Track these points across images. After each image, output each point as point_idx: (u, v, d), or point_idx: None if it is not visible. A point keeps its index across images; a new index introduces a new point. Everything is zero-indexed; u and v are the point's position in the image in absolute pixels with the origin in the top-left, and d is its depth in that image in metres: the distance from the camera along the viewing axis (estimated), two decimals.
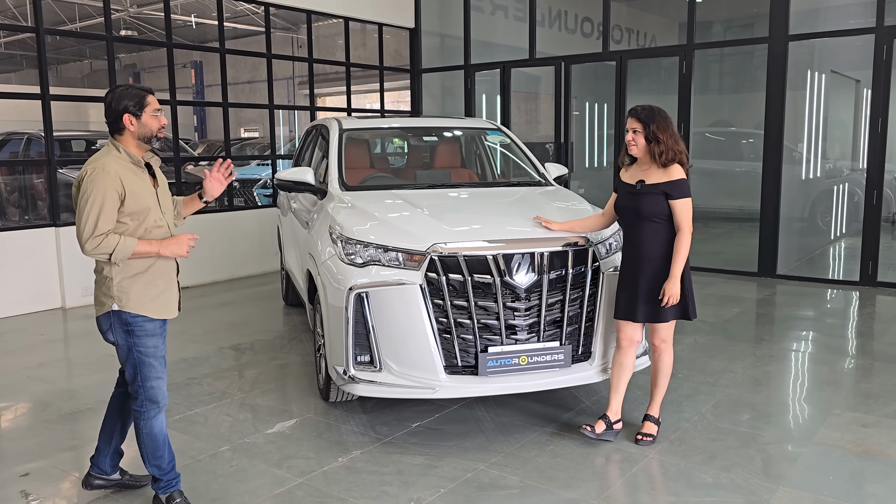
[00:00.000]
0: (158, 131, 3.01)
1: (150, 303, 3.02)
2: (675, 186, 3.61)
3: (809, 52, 8.98)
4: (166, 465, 3.15)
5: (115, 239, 2.86)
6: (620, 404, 3.90)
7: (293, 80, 20.01)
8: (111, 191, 2.87)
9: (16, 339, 6.02)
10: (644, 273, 3.68)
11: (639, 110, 3.68)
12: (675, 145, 3.63)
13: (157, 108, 3.01)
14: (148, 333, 3.03)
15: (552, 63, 9.64)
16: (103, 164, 2.91)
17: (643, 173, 3.72)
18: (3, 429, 4.29)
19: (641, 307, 3.71)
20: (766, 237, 8.08)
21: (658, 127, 3.61)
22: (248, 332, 6.17)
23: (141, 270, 3.00)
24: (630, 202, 3.73)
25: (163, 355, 3.11)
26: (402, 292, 3.77)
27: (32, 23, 6.91)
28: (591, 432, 3.80)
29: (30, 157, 9.98)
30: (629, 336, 3.80)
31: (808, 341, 5.82)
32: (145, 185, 3.02)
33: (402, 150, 8.07)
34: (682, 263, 3.62)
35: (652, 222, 3.65)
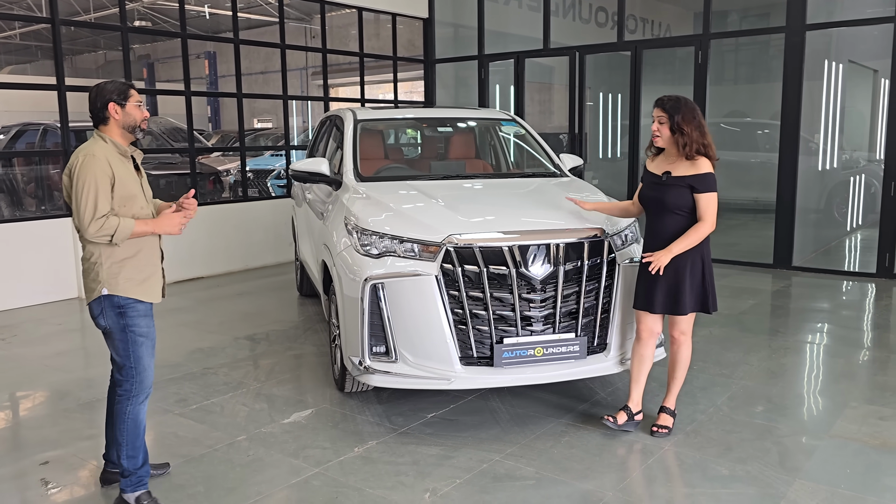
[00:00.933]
0: (142, 122, 3.11)
1: (138, 286, 3.09)
2: (702, 180, 3.57)
3: (827, 42, 8.88)
4: (141, 459, 3.14)
5: (115, 220, 2.95)
6: (641, 395, 3.89)
7: (306, 70, 20.02)
8: (102, 175, 2.95)
9: (33, 328, 6.09)
10: (665, 265, 3.63)
11: (665, 100, 3.63)
12: (701, 138, 3.58)
13: (140, 100, 3.10)
14: (140, 314, 3.10)
15: (566, 53, 9.59)
16: (92, 151, 2.99)
17: (670, 164, 3.68)
18: (23, 417, 4.35)
19: (661, 298, 3.68)
20: (782, 228, 8.03)
21: (683, 118, 3.56)
22: (263, 322, 6.20)
23: (129, 256, 3.06)
24: (655, 193, 3.70)
25: (154, 337, 3.17)
26: (417, 283, 3.77)
27: (48, 14, 6.94)
28: (613, 423, 3.79)
29: (46, 148, 10.05)
30: (649, 327, 3.79)
31: (824, 333, 5.78)
32: (131, 174, 3.10)
33: (416, 140, 8.06)
34: (686, 244, 3.57)
35: (676, 214, 3.62)
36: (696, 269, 3.65)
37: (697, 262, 3.64)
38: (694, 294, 3.66)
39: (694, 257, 3.63)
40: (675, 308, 3.69)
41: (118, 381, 3.15)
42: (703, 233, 3.58)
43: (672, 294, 3.67)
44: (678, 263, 3.62)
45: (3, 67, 23.30)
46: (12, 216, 9.00)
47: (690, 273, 3.63)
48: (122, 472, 3.15)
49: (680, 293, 3.65)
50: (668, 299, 3.68)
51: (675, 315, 3.74)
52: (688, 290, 3.65)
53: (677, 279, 3.64)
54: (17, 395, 4.64)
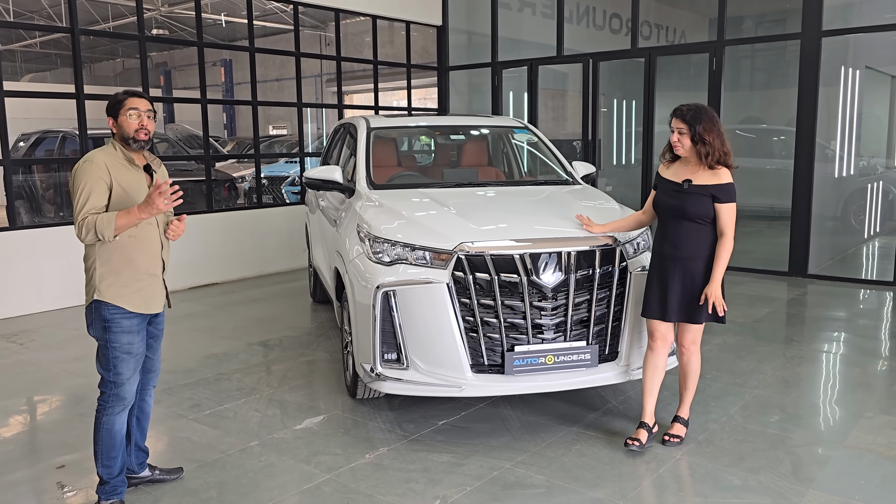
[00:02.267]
0: (136, 133, 3.08)
1: (129, 295, 3.08)
2: (724, 190, 3.56)
3: (843, 48, 8.82)
4: (117, 469, 3.16)
5: (93, 218, 2.94)
6: (654, 407, 3.84)
7: (321, 77, 20.13)
8: (98, 180, 2.98)
9: (51, 333, 6.16)
10: (681, 273, 3.62)
11: (684, 111, 3.58)
12: (722, 147, 3.55)
13: (134, 108, 3.07)
14: (124, 330, 3.08)
15: (580, 60, 9.59)
16: (92, 156, 3.04)
17: (690, 172, 3.64)
18: (40, 421, 4.40)
19: (675, 307, 3.65)
20: (798, 236, 7.97)
21: (704, 128, 3.53)
22: (276, 328, 6.24)
23: (120, 265, 3.06)
24: (674, 200, 3.66)
25: (139, 353, 3.15)
26: (429, 291, 3.79)
27: (68, 23, 7.04)
28: (639, 446, 3.71)
29: (65, 155, 10.18)
30: (662, 335, 3.75)
31: (840, 342, 5.73)
32: (136, 182, 3.10)
33: (429, 148, 8.09)
34: (723, 268, 3.57)
35: (695, 223, 3.60)
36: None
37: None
38: (709, 304, 3.63)
39: (709, 266, 3.62)
40: (690, 316, 3.67)
41: (100, 391, 3.16)
42: (729, 249, 3.58)
43: (688, 302, 3.64)
44: (694, 272, 3.61)
45: (23, 75, 23.61)
46: (31, 222, 9.12)
47: (706, 282, 3.60)
48: (99, 479, 3.17)
49: (696, 302, 3.62)
50: (685, 307, 3.66)
51: (691, 323, 3.71)
52: (703, 299, 3.62)
53: (693, 287, 3.62)
54: (35, 399, 4.70)
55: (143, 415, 3.38)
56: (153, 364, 3.36)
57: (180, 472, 3.52)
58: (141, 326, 3.16)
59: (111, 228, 2.94)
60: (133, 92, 3.16)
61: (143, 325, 3.18)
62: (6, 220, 7.08)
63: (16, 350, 5.68)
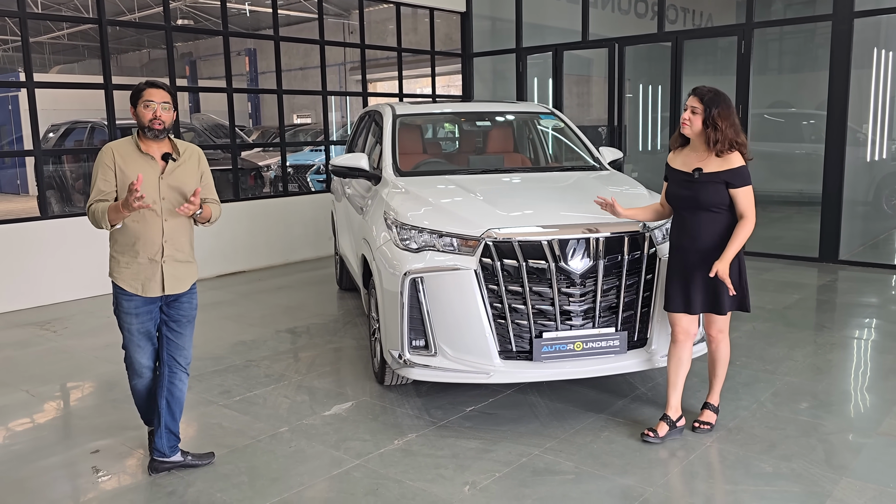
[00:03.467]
0: (150, 122, 3.20)
1: (127, 277, 3.28)
2: (737, 174, 3.44)
3: (876, 29, 8.63)
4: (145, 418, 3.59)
5: (96, 206, 3.16)
6: (680, 400, 3.75)
7: (345, 65, 20.14)
8: (103, 167, 3.21)
9: (83, 321, 6.27)
10: (703, 264, 3.51)
11: (703, 91, 3.48)
12: (735, 136, 3.44)
13: (149, 100, 3.20)
14: (123, 310, 3.32)
15: (606, 45, 9.49)
16: (107, 145, 3.29)
17: (699, 160, 3.53)
18: (73, 407, 4.48)
19: (699, 298, 3.58)
20: (828, 221, 7.84)
21: (720, 113, 3.42)
22: (303, 315, 6.28)
23: (126, 247, 3.28)
24: (686, 190, 3.55)
25: (140, 333, 3.34)
26: (456, 277, 3.79)
27: (95, 14, 7.10)
28: (654, 438, 3.64)
29: (94, 146, 10.31)
30: (685, 328, 3.67)
31: (872, 329, 5.64)
32: (143, 171, 3.18)
33: (454, 135, 8.07)
34: (737, 247, 3.47)
35: (711, 212, 3.50)
36: (734, 268, 3.54)
37: (735, 261, 3.53)
38: (734, 294, 3.54)
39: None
40: (715, 307, 3.60)
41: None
42: (748, 230, 3.47)
43: (712, 292, 3.56)
44: (713, 262, 3.50)
45: (51, 67, 23.92)
46: (62, 212, 9.26)
47: (731, 272, 3.51)
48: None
49: (720, 292, 3.54)
50: (709, 298, 3.58)
51: (716, 314, 3.65)
52: (727, 290, 3.53)
53: (716, 279, 3.50)
54: (68, 386, 4.79)
55: (172, 399, 3.42)
56: (176, 347, 3.41)
57: (212, 457, 3.57)
58: (142, 309, 3.31)
59: (105, 219, 3.14)
60: (152, 83, 3.25)
61: (147, 308, 3.32)
62: (38, 210, 7.20)
63: (49, 337, 5.79)
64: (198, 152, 3.44)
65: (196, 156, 3.41)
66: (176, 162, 3.30)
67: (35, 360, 5.26)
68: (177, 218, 3.28)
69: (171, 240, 3.29)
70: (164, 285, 3.31)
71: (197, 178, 3.37)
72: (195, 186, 3.28)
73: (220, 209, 3.49)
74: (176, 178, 3.29)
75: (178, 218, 3.28)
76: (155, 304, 3.33)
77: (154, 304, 3.33)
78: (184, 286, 3.37)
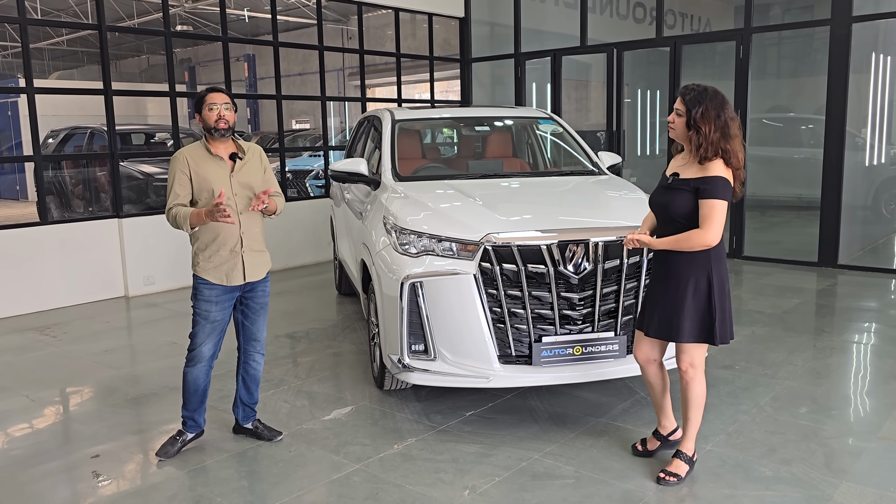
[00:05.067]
0: (216, 123, 3.50)
1: (211, 269, 3.54)
2: (709, 183, 3.03)
3: (874, 34, 8.66)
4: (189, 409, 3.73)
5: (177, 210, 3.46)
6: (670, 415, 3.51)
7: (343, 71, 20.16)
8: (178, 173, 3.50)
9: (83, 326, 6.26)
10: (661, 282, 3.22)
11: (687, 90, 3.10)
12: (723, 142, 3.04)
13: (213, 103, 3.50)
14: (204, 298, 3.57)
15: (604, 50, 9.52)
16: (178, 152, 3.56)
17: (682, 165, 3.19)
18: (73, 412, 4.48)
19: (656, 321, 3.23)
20: (827, 226, 7.85)
21: (702, 115, 3.03)
22: (302, 320, 6.28)
23: (208, 242, 3.54)
24: (661, 196, 3.22)
25: (216, 321, 3.59)
26: (455, 282, 3.79)
27: (95, 20, 7.12)
28: (642, 452, 3.52)
29: (93, 151, 10.31)
30: (644, 352, 3.37)
31: (872, 333, 5.65)
32: (215, 172, 3.51)
33: (453, 140, 8.08)
34: (675, 243, 3.08)
35: (678, 223, 3.13)
36: (701, 292, 3.12)
37: (703, 284, 3.12)
38: (696, 320, 3.14)
39: (699, 276, 3.12)
40: (670, 334, 3.19)
41: None
42: (697, 241, 3.04)
43: (667, 317, 3.18)
44: (678, 282, 3.15)
45: (51, 73, 23.95)
46: (62, 217, 9.26)
47: (693, 295, 3.12)
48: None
49: (677, 317, 3.14)
50: (664, 323, 3.20)
51: (669, 341, 3.26)
52: (687, 315, 3.13)
53: (677, 300, 3.14)
54: (68, 391, 4.78)
55: (248, 377, 3.83)
56: (253, 332, 3.77)
57: (280, 434, 3.86)
58: (221, 298, 3.58)
59: (186, 223, 3.43)
60: (213, 88, 3.58)
61: (226, 297, 3.60)
62: (38, 216, 7.19)
63: (49, 343, 5.78)
64: (259, 150, 3.72)
65: (258, 154, 3.71)
66: (242, 160, 3.60)
67: (35, 364, 5.26)
68: (250, 212, 3.59)
69: (248, 232, 3.59)
70: (244, 274, 3.59)
71: (261, 174, 3.67)
72: (260, 181, 3.64)
73: (283, 201, 3.77)
74: (244, 175, 3.59)
75: (251, 212, 3.59)
76: (234, 293, 3.62)
77: (234, 293, 3.62)
78: (261, 274, 3.68)
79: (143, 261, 7.30)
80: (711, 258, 3.13)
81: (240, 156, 3.60)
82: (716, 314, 3.13)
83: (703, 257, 3.12)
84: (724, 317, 3.17)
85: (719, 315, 3.14)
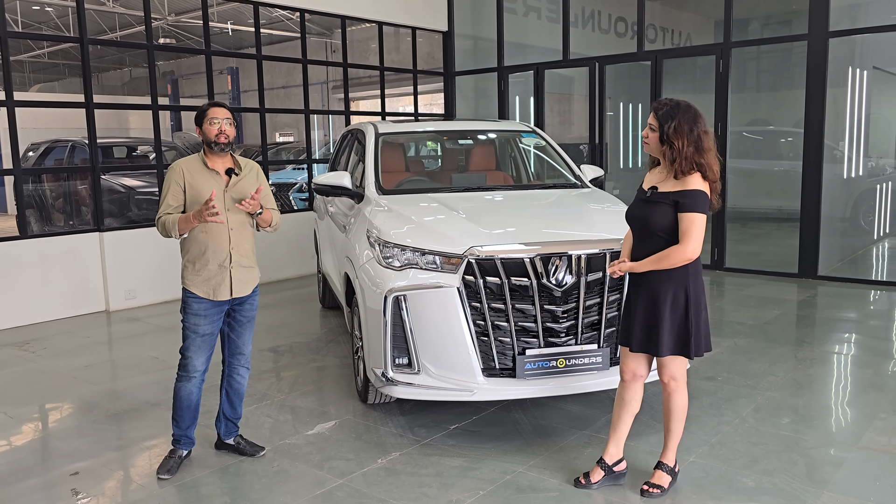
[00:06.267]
0: (216, 137, 3.52)
1: (199, 283, 3.55)
2: (689, 196, 3.03)
3: (850, 49, 8.80)
4: (181, 427, 3.69)
5: (165, 218, 3.47)
6: (621, 446, 3.43)
7: (327, 84, 20.21)
8: (173, 184, 3.51)
9: (63, 341, 6.19)
10: (645, 297, 3.19)
11: (660, 105, 3.11)
12: (697, 155, 3.04)
13: (214, 118, 3.52)
14: (193, 312, 3.56)
15: (586, 64, 9.60)
16: (176, 162, 3.58)
17: (660, 179, 3.19)
18: (53, 429, 4.42)
19: (638, 335, 3.22)
20: (807, 237, 7.94)
21: (675, 130, 3.03)
22: (286, 334, 6.25)
23: (197, 255, 3.55)
24: (639, 210, 3.22)
25: (205, 334, 3.58)
26: (439, 295, 3.79)
27: (76, 33, 7.08)
28: (586, 485, 3.38)
29: (74, 164, 10.23)
30: (631, 368, 3.32)
31: (852, 344, 5.71)
32: (209, 185, 3.51)
33: (437, 153, 8.10)
34: (658, 262, 3.09)
35: (658, 238, 3.12)
36: (679, 306, 3.12)
37: (681, 298, 3.12)
38: (673, 334, 3.14)
39: (676, 291, 3.11)
40: (650, 347, 3.20)
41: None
42: (678, 257, 3.04)
43: (647, 331, 3.19)
44: (657, 296, 3.14)
45: (32, 85, 23.77)
46: (42, 231, 9.17)
47: (671, 309, 3.12)
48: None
49: (657, 331, 3.15)
50: (645, 337, 3.20)
51: (650, 355, 3.26)
52: (666, 329, 3.13)
53: (656, 315, 3.15)
54: (47, 407, 4.72)
55: (232, 391, 3.81)
56: (239, 346, 3.77)
57: (262, 450, 3.83)
58: (210, 311, 3.57)
59: (175, 229, 3.45)
60: (215, 103, 3.59)
61: (214, 311, 3.59)
62: (17, 229, 7.11)
63: (28, 358, 5.71)
64: (256, 167, 3.75)
65: (255, 170, 3.74)
66: (238, 176, 3.61)
67: (13, 380, 5.19)
68: (241, 227, 3.62)
69: (237, 247, 3.61)
70: (232, 289, 3.60)
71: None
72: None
73: (279, 216, 3.84)
74: (238, 191, 3.60)
75: (243, 227, 3.63)
76: (222, 307, 3.63)
77: (222, 307, 3.62)
78: (249, 289, 3.70)
79: (125, 275, 7.24)
80: (689, 273, 3.13)
81: (236, 171, 3.61)
82: (692, 328, 3.13)
83: (680, 272, 3.11)
84: (700, 330, 3.17)
85: (695, 329, 3.14)
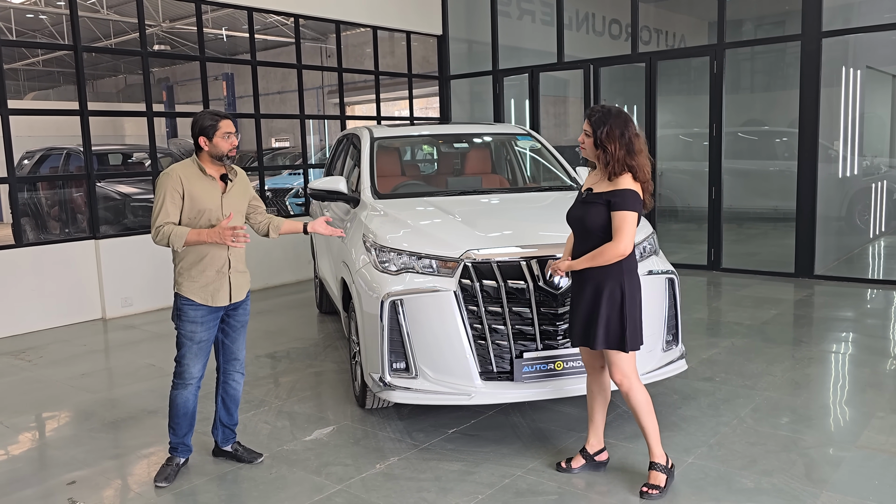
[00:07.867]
0: (228, 151, 3.52)
1: (197, 289, 3.51)
2: (619, 196, 3.18)
3: (843, 49, 8.83)
4: (178, 434, 3.67)
5: (169, 228, 3.38)
6: (600, 436, 3.56)
7: (322, 89, 20.19)
8: (171, 190, 3.44)
9: (59, 349, 6.17)
10: (583, 293, 3.32)
11: (593, 112, 3.28)
12: (628, 158, 3.20)
13: (228, 132, 3.50)
14: (189, 319, 3.52)
15: (581, 66, 9.62)
16: (170, 169, 3.50)
17: (595, 181, 3.37)
18: (49, 438, 4.40)
19: (577, 329, 3.36)
20: (803, 237, 7.95)
21: (607, 135, 3.20)
22: (283, 340, 6.24)
23: (194, 262, 3.50)
24: (577, 210, 3.38)
25: (201, 341, 3.55)
26: (436, 299, 3.79)
27: (70, 41, 7.08)
28: (566, 469, 3.53)
29: (69, 172, 10.22)
30: (588, 360, 3.49)
31: (849, 343, 5.71)
32: (208, 191, 3.50)
33: (432, 157, 8.10)
34: (591, 260, 3.22)
35: (595, 236, 3.26)
36: (615, 301, 3.25)
37: (616, 293, 3.24)
38: (609, 328, 3.25)
39: (612, 287, 3.24)
40: (587, 341, 3.33)
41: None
42: (611, 253, 3.18)
43: (585, 326, 3.32)
44: (595, 291, 3.27)
45: (26, 94, 23.75)
46: (37, 239, 9.15)
47: (608, 304, 3.24)
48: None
49: (593, 325, 3.27)
50: (583, 331, 3.34)
51: (589, 348, 3.38)
52: (602, 323, 3.25)
53: (593, 309, 3.28)
54: (44, 416, 4.70)
55: (227, 397, 3.80)
56: (233, 351, 3.75)
57: (260, 456, 3.81)
58: (206, 318, 3.54)
59: (181, 242, 3.39)
60: (224, 115, 3.55)
61: (211, 318, 3.56)
62: (12, 238, 7.09)
63: (24, 367, 5.69)
64: (243, 173, 3.75)
65: (244, 177, 3.74)
66: (232, 182, 3.62)
67: (10, 389, 5.17)
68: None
69: (235, 252, 3.61)
70: (231, 295, 3.59)
71: (247, 196, 3.72)
72: (245, 203, 3.68)
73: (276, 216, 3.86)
74: (233, 197, 3.62)
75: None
76: (219, 312, 3.60)
77: (218, 312, 3.59)
78: (244, 294, 3.68)
79: (121, 282, 7.23)
80: (624, 270, 3.27)
81: (230, 177, 3.61)
82: (626, 322, 3.26)
83: (616, 270, 3.25)
84: (635, 325, 3.30)
85: (630, 323, 3.27)
